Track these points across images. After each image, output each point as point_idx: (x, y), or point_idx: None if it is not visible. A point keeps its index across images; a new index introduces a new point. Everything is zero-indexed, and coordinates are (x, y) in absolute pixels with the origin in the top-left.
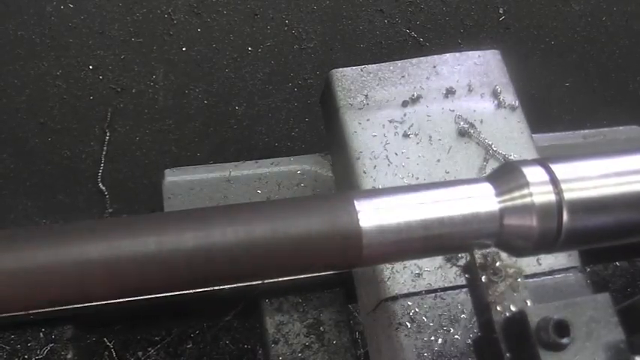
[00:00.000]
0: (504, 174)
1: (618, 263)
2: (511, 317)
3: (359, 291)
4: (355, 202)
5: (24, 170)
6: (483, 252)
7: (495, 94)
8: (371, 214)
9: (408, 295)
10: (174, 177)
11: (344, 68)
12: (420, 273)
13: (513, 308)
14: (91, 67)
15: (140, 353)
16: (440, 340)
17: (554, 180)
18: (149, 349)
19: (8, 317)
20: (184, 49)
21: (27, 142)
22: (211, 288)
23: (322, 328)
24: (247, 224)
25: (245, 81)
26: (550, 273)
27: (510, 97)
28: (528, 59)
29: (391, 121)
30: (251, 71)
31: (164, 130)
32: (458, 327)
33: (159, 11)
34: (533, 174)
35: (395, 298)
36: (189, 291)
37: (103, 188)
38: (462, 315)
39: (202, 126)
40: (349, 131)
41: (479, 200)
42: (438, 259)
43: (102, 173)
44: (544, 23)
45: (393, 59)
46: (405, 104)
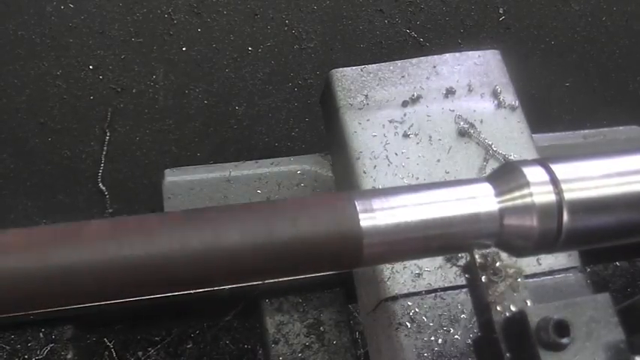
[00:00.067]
0: (504, 174)
1: (618, 263)
2: (511, 317)
3: (359, 291)
4: (356, 202)
5: (24, 170)
6: (483, 252)
7: (495, 94)
8: (371, 215)
9: (408, 295)
10: (174, 177)
11: (344, 68)
12: (420, 273)
13: (513, 308)
14: (91, 67)
15: (140, 353)
16: (440, 340)
17: (554, 180)
18: (149, 349)
19: (8, 317)
20: (184, 49)
21: (27, 142)
22: (211, 288)
23: (322, 328)
24: (247, 224)
25: (245, 81)
26: (550, 273)
27: (510, 97)
28: (528, 59)
29: (391, 121)
30: (251, 71)
31: (164, 130)
32: (458, 327)
33: (159, 11)
34: (533, 174)
35: (395, 298)
36: (189, 291)
37: (103, 188)
38: (462, 315)
39: (202, 126)
40: (349, 131)
41: (479, 200)
42: (438, 259)
43: (102, 173)
44: (544, 23)
45: (393, 59)
46: (405, 104)
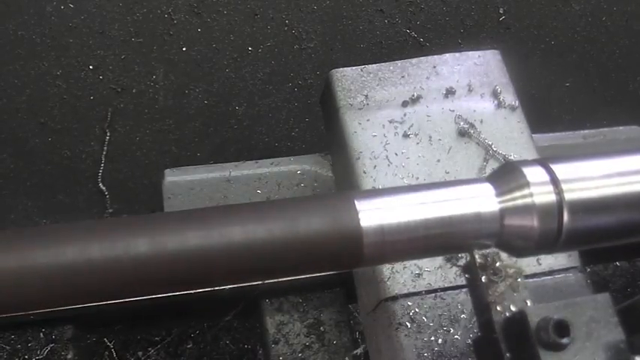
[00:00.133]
0: (505, 174)
1: (618, 263)
2: (511, 317)
3: (359, 291)
4: (356, 202)
5: (24, 170)
6: (483, 252)
7: (495, 94)
8: (372, 214)
9: (408, 295)
10: (174, 177)
11: (344, 68)
12: (420, 273)
13: (513, 308)
14: (92, 67)
15: (140, 353)
16: (440, 340)
17: (554, 180)
18: (149, 349)
19: (9, 317)
20: (184, 49)
21: (27, 142)
22: (211, 288)
23: (322, 328)
24: (247, 224)
25: (245, 81)
26: (550, 273)
27: (510, 97)
28: (528, 59)
29: (391, 121)
30: (251, 71)
31: (164, 130)
32: (458, 327)
33: (159, 11)
34: (533, 174)
35: (395, 298)
36: (189, 291)
37: (103, 188)
38: (462, 315)
39: (202, 126)
40: (349, 131)
41: (479, 200)
42: (438, 259)
43: (102, 173)
44: (544, 23)
45: (393, 59)
46: (405, 104)
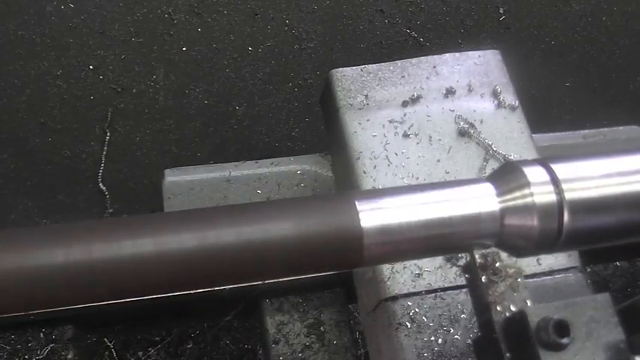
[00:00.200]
0: (505, 174)
1: (618, 263)
2: (511, 317)
3: (359, 291)
4: (356, 203)
5: (24, 170)
6: (483, 252)
7: (495, 94)
8: (372, 215)
9: (408, 295)
10: (174, 177)
11: (344, 68)
12: (420, 273)
13: (513, 308)
14: (92, 67)
15: (140, 353)
16: (440, 340)
17: (554, 180)
18: (149, 349)
19: (9, 317)
20: (185, 49)
21: (27, 142)
22: (212, 288)
23: (323, 328)
24: (248, 224)
25: (245, 81)
26: (550, 273)
27: (510, 97)
28: (528, 59)
29: (391, 121)
30: (251, 71)
31: (164, 130)
32: (458, 327)
33: (159, 11)
34: (534, 174)
35: (395, 298)
36: (189, 291)
37: (104, 188)
38: (462, 315)
39: (202, 126)
40: (349, 131)
41: (479, 200)
42: (438, 259)
43: (102, 173)
44: (544, 23)
45: (393, 59)
46: (405, 104)
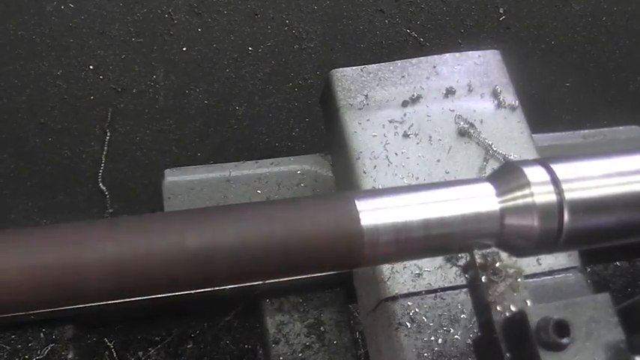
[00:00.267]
0: (505, 174)
1: (618, 263)
2: (511, 317)
3: (359, 291)
4: (356, 202)
5: (24, 170)
6: (483, 252)
7: (495, 94)
8: (372, 214)
9: (408, 295)
10: (174, 177)
11: (344, 68)
12: (420, 273)
13: (513, 308)
14: (92, 67)
15: (140, 353)
16: (440, 340)
17: (555, 180)
18: (149, 349)
19: (9, 317)
20: (185, 49)
21: (27, 142)
22: (212, 288)
23: (323, 328)
24: (248, 225)
25: (245, 81)
26: (550, 273)
27: (510, 97)
28: (528, 59)
29: (391, 121)
30: (251, 71)
31: (164, 130)
32: (458, 327)
33: (159, 11)
34: (534, 174)
35: (395, 298)
36: (189, 291)
37: (104, 188)
38: (462, 315)
39: (203, 126)
40: (349, 131)
41: (480, 200)
42: (438, 259)
43: (102, 173)
44: (544, 23)
45: (393, 59)
46: (405, 104)
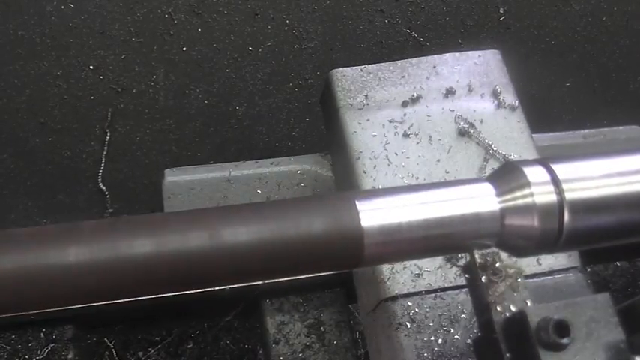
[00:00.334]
0: (505, 174)
1: (618, 263)
2: (511, 317)
3: (359, 291)
4: (356, 203)
5: (24, 170)
6: (483, 252)
7: (495, 94)
8: (372, 215)
9: (408, 295)
10: (174, 177)
11: (344, 68)
12: (420, 273)
13: (513, 308)
14: (92, 67)
15: (141, 353)
16: (440, 340)
17: (555, 180)
18: (150, 349)
19: (9, 317)
20: (185, 49)
21: (27, 142)
22: (212, 288)
23: (323, 328)
24: (248, 225)
25: (245, 81)
26: (550, 273)
27: (510, 97)
28: (528, 59)
29: (391, 121)
30: (251, 71)
31: (164, 130)
32: (458, 327)
33: (159, 11)
34: (534, 174)
35: (395, 298)
36: (189, 291)
37: (104, 188)
38: (462, 315)
39: (203, 126)
40: (349, 131)
41: (480, 200)
42: (438, 259)
43: (102, 173)
44: (544, 23)
45: (393, 59)
46: (405, 104)
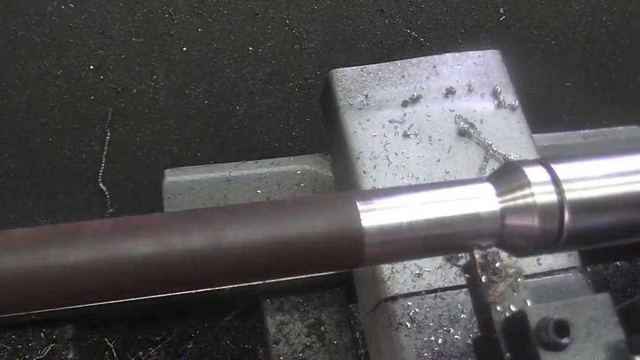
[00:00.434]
0: (506, 174)
1: (619, 263)
2: (511, 317)
3: (359, 291)
4: (357, 203)
5: (25, 170)
6: (483, 252)
7: (495, 94)
8: (373, 215)
9: (408, 295)
10: (174, 177)
11: (344, 68)
12: (420, 273)
13: (513, 308)
14: (92, 67)
15: (141, 353)
16: (440, 340)
17: (555, 180)
18: (150, 349)
19: (9, 317)
20: (185, 49)
21: (28, 142)
22: (212, 288)
23: (323, 328)
24: (248, 225)
25: (246, 81)
26: (550, 273)
27: (510, 97)
28: (528, 59)
29: (391, 121)
30: (252, 71)
31: (165, 130)
32: (458, 327)
33: (159, 11)
34: (534, 174)
35: (395, 298)
36: (189, 291)
37: (104, 188)
38: (462, 315)
39: (203, 126)
40: (349, 131)
41: (480, 200)
42: (438, 259)
43: (102, 173)
44: (544, 23)
45: (393, 59)
46: (405, 104)
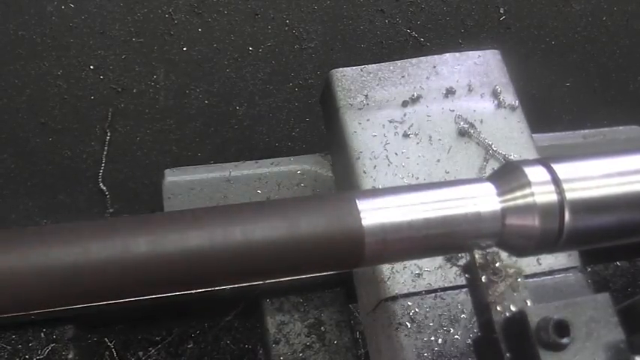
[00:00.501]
0: (506, 174)
1: (619, 263)
2: (511, 317)
3: (359, 291)
4: (357, 202)
5: (25, 170)
6: (483, 252)
7: (495, 94)
8: (373, 214)
9: (408, 295)
10: (174, 177)
11: (344, 68)
12: (420, 273)
13: (513, 308)
14: (92, 67)
15: (141, 353)
16: (440, 340)
17: (555, 180)
18: (150, 349)
19: (9, 317)
20: (185, 49)
21: (28, 142)
22: (212, 288)
23: (323, 328)
24: (248, 224)
25: (246, 81)
26: (550, 273)
27: (510, 97)
28: (528, 59)
29: (391, 121)
30: (252, 71)
31: (165, 130)
32: (458, 327)
33: (160, 11)
34: (534, 174)
35: (395, 298)
36: (189, 291)
37: (104, 188)
38: (462, 315)
39: (203, 126)
40: (349, 131)
41: (480, 200)
42: (438, 259)
43: (102, 173)
44: (544, 23)
45: (393, 59)
46: (405, 104)
